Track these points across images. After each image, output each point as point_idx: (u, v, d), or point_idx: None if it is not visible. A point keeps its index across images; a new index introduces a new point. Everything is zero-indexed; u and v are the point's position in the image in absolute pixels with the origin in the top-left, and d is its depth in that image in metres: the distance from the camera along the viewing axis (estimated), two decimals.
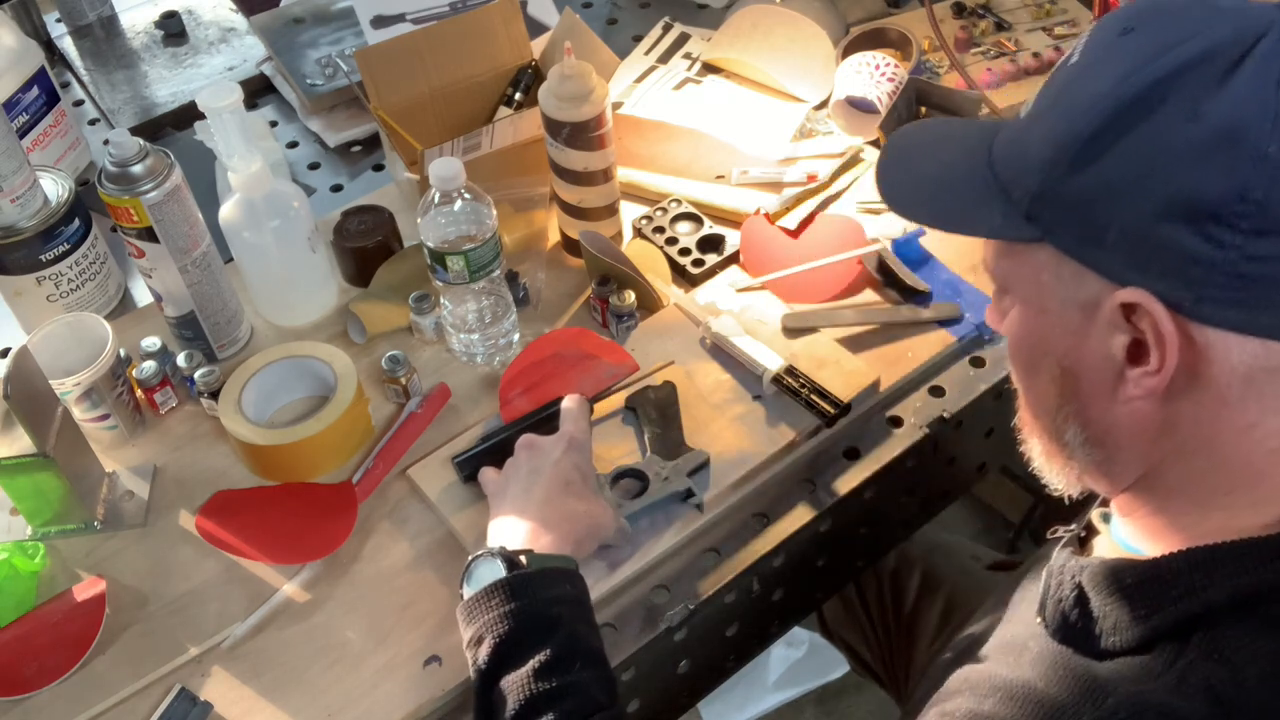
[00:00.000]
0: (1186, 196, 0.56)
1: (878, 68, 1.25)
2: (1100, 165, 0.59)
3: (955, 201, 0.67)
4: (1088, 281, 0.61)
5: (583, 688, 0.79)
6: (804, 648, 1.79)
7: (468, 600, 0.83)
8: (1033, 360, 0.68)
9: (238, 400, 1.04)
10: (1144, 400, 0.62)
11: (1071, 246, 0.61)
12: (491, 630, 0.80)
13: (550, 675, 0.78)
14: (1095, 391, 0.64)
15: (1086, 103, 0.60)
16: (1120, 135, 0.58)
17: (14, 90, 1.28)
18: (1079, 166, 0.60)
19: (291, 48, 1.47)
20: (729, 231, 1.20)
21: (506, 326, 1.12)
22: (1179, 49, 0.57)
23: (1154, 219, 0.57)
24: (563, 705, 0.77)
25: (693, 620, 0.94)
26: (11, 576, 0.95)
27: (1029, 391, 0.70)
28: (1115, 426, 0.65)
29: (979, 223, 0.66)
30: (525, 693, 0.78)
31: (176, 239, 1.04)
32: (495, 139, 1.21)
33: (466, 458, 1.01)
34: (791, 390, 1.04)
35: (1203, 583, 0.62)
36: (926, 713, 0.71)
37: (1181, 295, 0.58)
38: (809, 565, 1.05)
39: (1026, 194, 0.62)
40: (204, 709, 0.88)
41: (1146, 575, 0.64)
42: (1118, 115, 0.58)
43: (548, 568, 0.84)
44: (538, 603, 0.81)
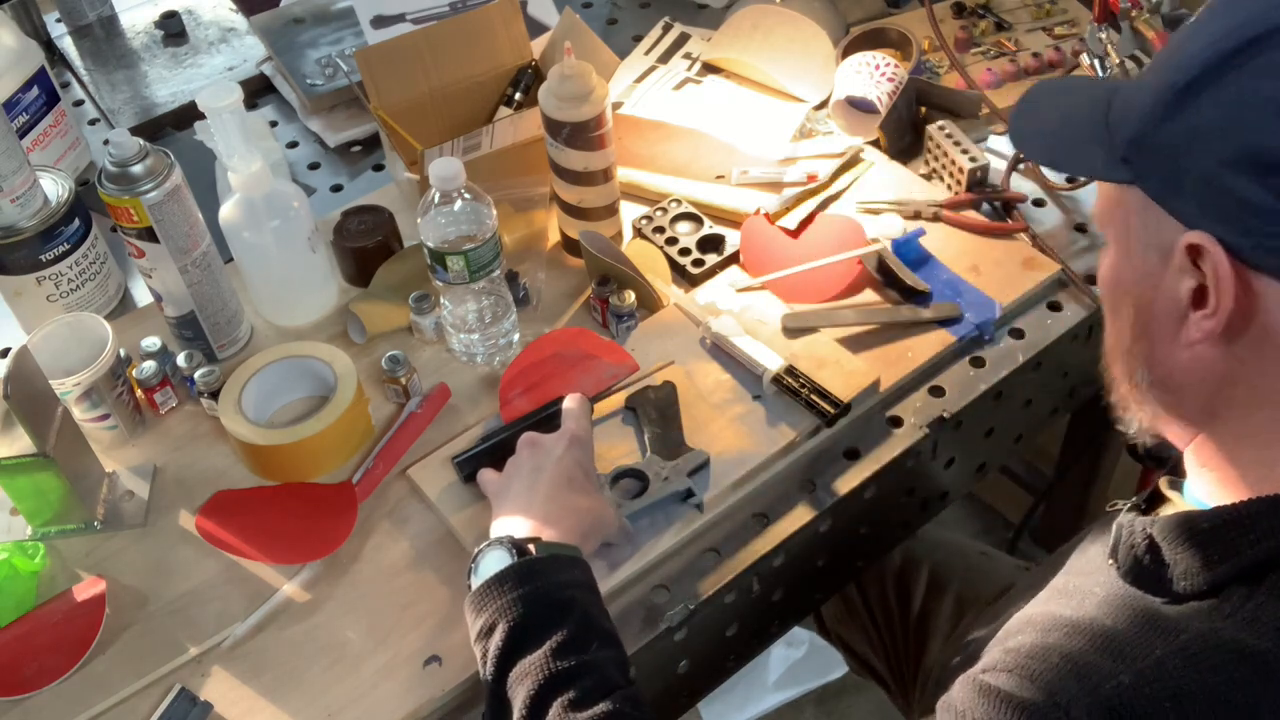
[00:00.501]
0: (1257, 149, 0.60)
1: (878, 68, 1.25)
2: (1187, 114, 0.63)
3: (1067, 144, 0.73)
4: (1166, 226, 0.65)
5: (600, 666, 0.78)
6: (804, 648, 1.79)
7: (477, 589, 0.82)
8: (1115, 300, 0.72)
9: (238, 400, 1.04)
10: (1204, 344, 0.66)
11: (1156, 191, 0.65)
12: (504, 615, 0.79)
13: (568, 654, 0.77)
14: (1162, 334, 0.68)
15: (1187, 56, 0.63)
16: (1209, 86, 0.62)
17: (14, 90, 1.28)
18: (1170, 115, 0.64)
19: (291, 48, 1.47)
20: (729, 231, 1.20)
21: (506, 326, 1.12)
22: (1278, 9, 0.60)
23: (1225, 168, 0.61)
24: (583, 683, 0.76)
25: (693, 620, 0.94)
26: (11, 576, 0.95)
27: (1110, 330, 0.75)
28: (1178, 370, 0.68)
29: (1082, 163, 0.71)
30: (544, 672, 0.77)
31: (176, 239, 1.04)
32: (495, 139, 1.21)
33: (466, 458, 1.01)
34: (791, 390, 1.04)
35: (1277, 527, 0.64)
36: (990, 650, 0.71)
37: (1241, 242, 0.61)
38: (809, 565, 1.05)
39: (1124, 140, 0.67)
40: (204, 709, 0.88)
41: (1221, 521, 0.66)
42: (1210, 68, 0.62)
43: (557, 554, 0.84)
44: (550, 586, 0.81)
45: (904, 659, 1.27)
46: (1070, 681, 0.62)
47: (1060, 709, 0.61)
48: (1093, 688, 0.61)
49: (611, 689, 0.77)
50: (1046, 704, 0.61)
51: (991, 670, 0.67)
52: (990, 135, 1.32)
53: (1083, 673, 0.62)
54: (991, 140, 1.32)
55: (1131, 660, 0.62)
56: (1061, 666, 0.63)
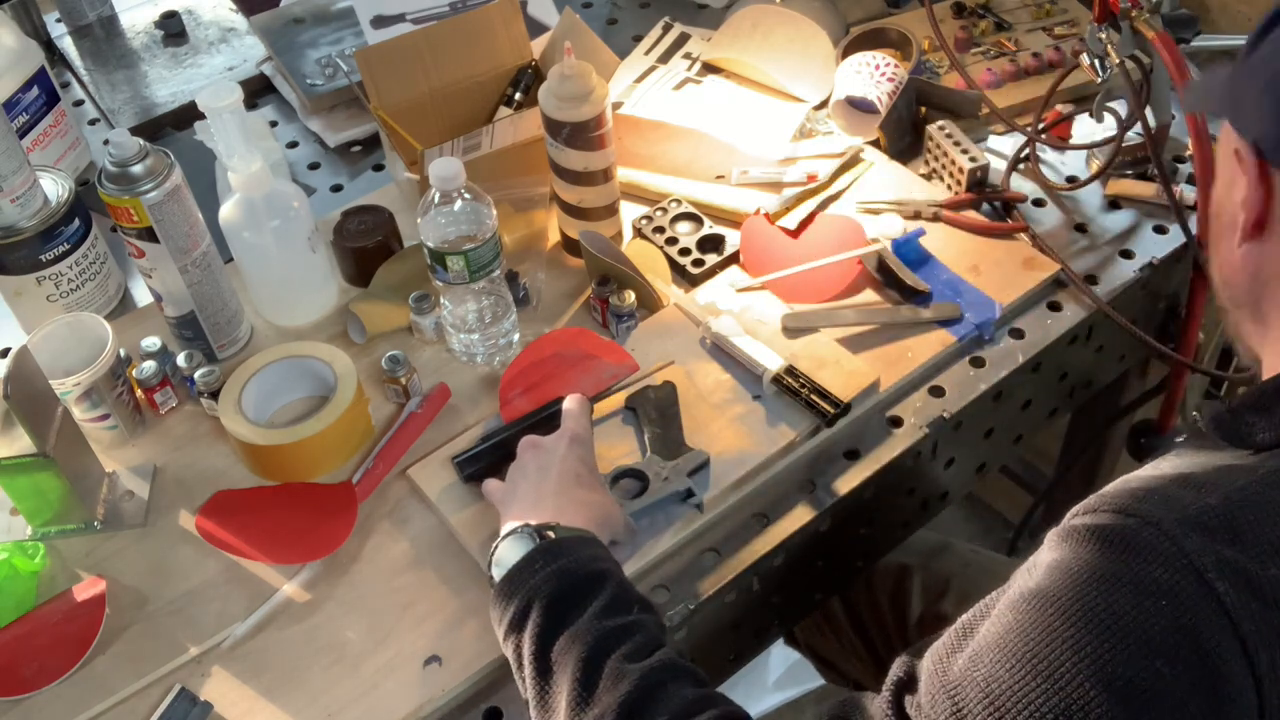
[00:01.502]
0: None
1: (878, 68, 1.25)
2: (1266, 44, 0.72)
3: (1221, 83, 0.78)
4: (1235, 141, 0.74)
5: (647, 626, 0.78)
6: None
7: (506, 574, 0.81)
8: (1219, 206, 0.78)
9: (238, 400, 1.04)
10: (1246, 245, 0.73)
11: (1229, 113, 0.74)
12: (540, 593, 0.79)
13: (614, 615, 0.78)
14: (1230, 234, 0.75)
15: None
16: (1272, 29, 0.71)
17: (14, 90, 1.28)
18: (1249, 48, 0.73)
19: (291, 48, 1.48)
20: (729, 231, 1.20)
21: (506, 326, 1.12)
22: None
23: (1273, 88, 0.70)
24: (634, 639, 0.76)
25: (693, 620, 0.94)
26: (11, 576, 0.95)
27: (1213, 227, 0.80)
28: (1231, 268, 0.76)
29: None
30: (594, 633, 0.76)
31: (176, 239, 1.04)
32: (495, 139, 1.21)
33: (466, 458, 1.01)
34: (791, 390, 1.04)
35: None
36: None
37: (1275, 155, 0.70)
38: (809, 565, 1.05)
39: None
40: (204, 709, 0.88)
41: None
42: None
43: (578, 535, 0.84)
44: (581, 559, 0.81)
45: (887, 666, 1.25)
46: (1158, 506, 0.64)
47: (1152, 525, 0.63)
48: (1181, 508, 0.64)
49: (657, 647, 0.77)
50: (1139, 524, 0.63)
51: (1072, 518, 0.69)
52: (990, 135, 1.32)
53: (1170, 500, 0.65)
54: (991, 140, 1.32)
55: (1215, 488, 0.65)
56: (1147, 496, 0.66)
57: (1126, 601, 0.61)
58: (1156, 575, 0.61)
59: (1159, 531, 0.62)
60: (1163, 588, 0.61)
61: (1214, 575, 0.61)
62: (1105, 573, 0.63)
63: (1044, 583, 0.65)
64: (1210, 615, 0.60)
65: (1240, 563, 0.61)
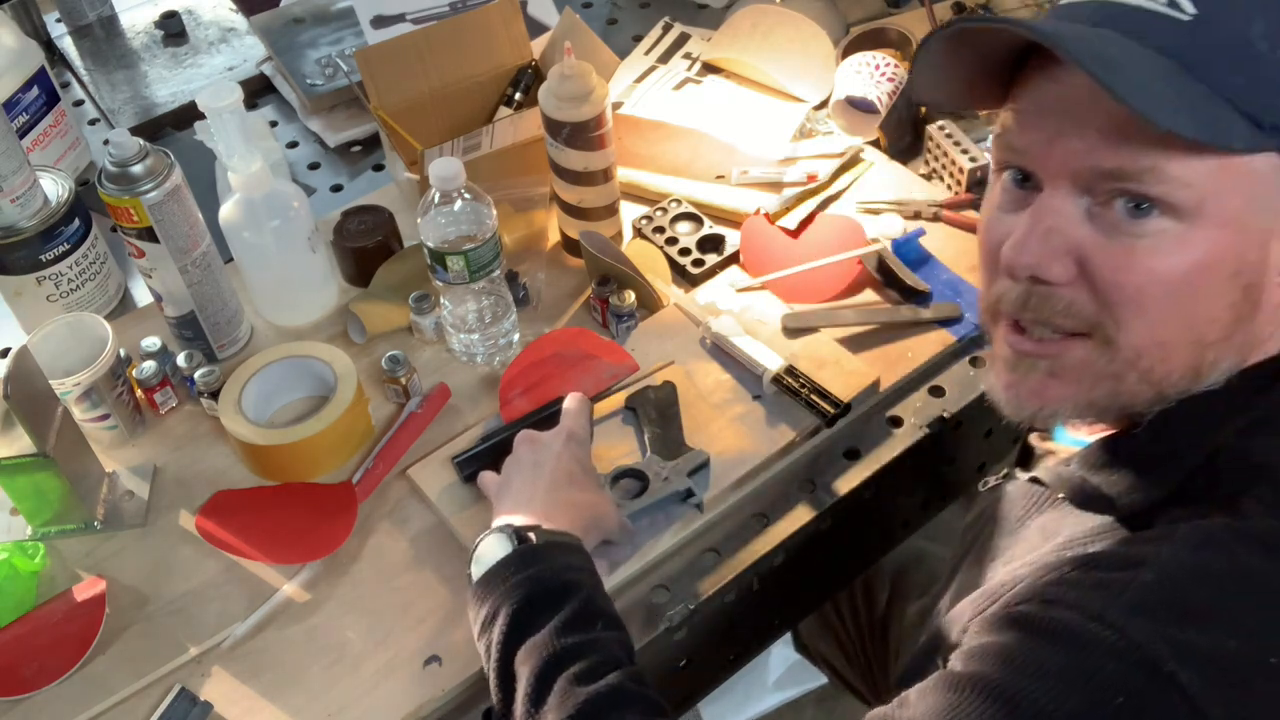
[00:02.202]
0: None
1: (878, 68, 1.25)
2: None
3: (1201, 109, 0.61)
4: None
5: (606, 645, 0.77)
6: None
7: (480, 580, 0.82)
8: (1213, 287, 0.64)
9: (238, 400, 1.04)
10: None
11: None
12: (508, 600, 0.79)
13: (573, 632, 0.76)
14: (1266, 305, 0.65)
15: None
16: None
17: (14, 90, 1.28)
18: None
19: (291, 48, 1.48)
20: (729, 231, 1.20)
21: (506, 326, 1.12)
22: None
23: None
24: (588, 659, 0.75)
25: (693, 620, 0.94)
26: (11, 576, 0.95)
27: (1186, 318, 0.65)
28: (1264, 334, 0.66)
29: (1235, 134, 0.61)
30: (549, 649, 0.75)
31: (176, 239, 1.04)
32: (495, 139, 1.21)
33: (466, 458, 1.01)
34: (791, 390, 1.04)
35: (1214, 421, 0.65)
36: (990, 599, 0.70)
37: None
38: (809, 565, 1.05)
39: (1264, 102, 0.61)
40: (204, 709, 0.88)
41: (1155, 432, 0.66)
42: None
43: (558, 540, 0.83)
44: (552, 569, 0.80)
45: (876, 670, 1.26)
46: (1093, 595, 0.61)
47: (1094, 619, 0.59)
48: (1118, 593, 0.60)
49: (616, 666, 0.76)
50: (1080, 618, 0.60)
51: (1010, 606, 0.66)
52: (990, 135, 1.32)
53: (1104, 585, 0.62)
54: (991, 140, 1.32)
55: (1143, 563, 0.62)
56: (1082, 585, 0.63)
57: (1078, 702, 0.58)
58: (1109, 671, 0.57)
59: (1103, 625, 0.59)
60: (1117, 685, 0.57)
61: (1173, 665, 0.57)
62: (1053, 669, 0.59)
63: (987, 671, 0.61)
64: (1174, 710, 0.56)
65: (1197, 644, 0.57)
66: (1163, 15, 0.62)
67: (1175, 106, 0.59)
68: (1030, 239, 0.66)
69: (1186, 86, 0.61)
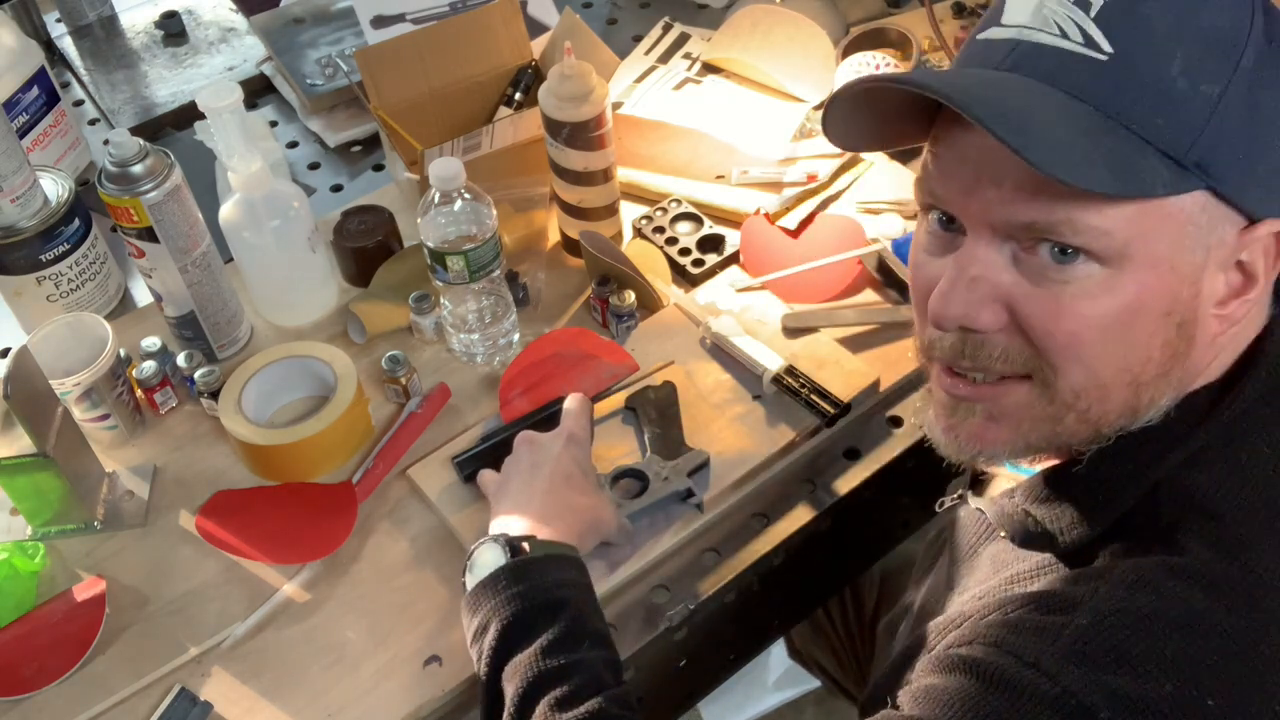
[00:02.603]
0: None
1: (878, 68, 1.25)
2: (1265, 96, 0.58)
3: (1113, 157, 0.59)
4: (1226, 224, 0.61)
5: (590, 666, 0.78)
6: None
7: (472, 590, 0.82)
8: (1137, 323, 0.62)
9: (238, 400, 1.04)
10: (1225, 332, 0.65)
11: (1233, 188, 0.60)
12: (497, 614, 0.80)
13: (558, 653, 0.77)
14: (1202, 339, 0.64)
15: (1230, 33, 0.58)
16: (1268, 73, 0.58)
17: (14, 90, 1.28)
18: (1250, 104, 0.58)
19: (291, 48, 1.48)
20: (729, 231, 1.20)
21: (506, 326, 1.12)
22: None
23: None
24: (571, 681, 0.76)
25: (693, 620, 0.94)
26: (11, 576, 0.95)
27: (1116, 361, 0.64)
28: (1199, 370, 0.66)
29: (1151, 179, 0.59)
30: (533, 670, 0.76)
31: (176, 239, 1.04)
32: (495, 139, 1.21)
33: (466, 458, 1.01)
34: (791, 390, 1.04)
35: (1153, 454, 0.65)
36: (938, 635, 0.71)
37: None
38: (809, 565, 1.05)
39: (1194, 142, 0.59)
40: (204, 709, 0.88)
41: (1094, 466, 0.67)
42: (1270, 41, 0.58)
43: (552, 553, 0.84)
44: (543, 585, 0.81)
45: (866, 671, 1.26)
46: (1031, 639, 0.61)
47: (1030, 666, 0.60)
48: (1054, 638, 0.60)
49: (600, 689, 0.77)
50: (1017, 665, 0.60)
51: (954, 646, 0.66)
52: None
53: (1041, 629, 0.62)
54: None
55: (1079, 604, 0.62)
56: (1021, 628, 0.63)
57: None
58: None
59: (1039, 672, 0.59)
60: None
61: (1107, 714, 0.57)
62: (992, 716, 0.59)
63: (929, 716, 0.62)
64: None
65: (1131, 691, 0.57)
66: (1079, 55, 0.60)
67: (1090, 160, 0.58)
68: (956, 289, 0.64)
69: (1104, 133, 0.59)
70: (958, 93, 0.58)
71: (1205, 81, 0.58)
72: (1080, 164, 0.57)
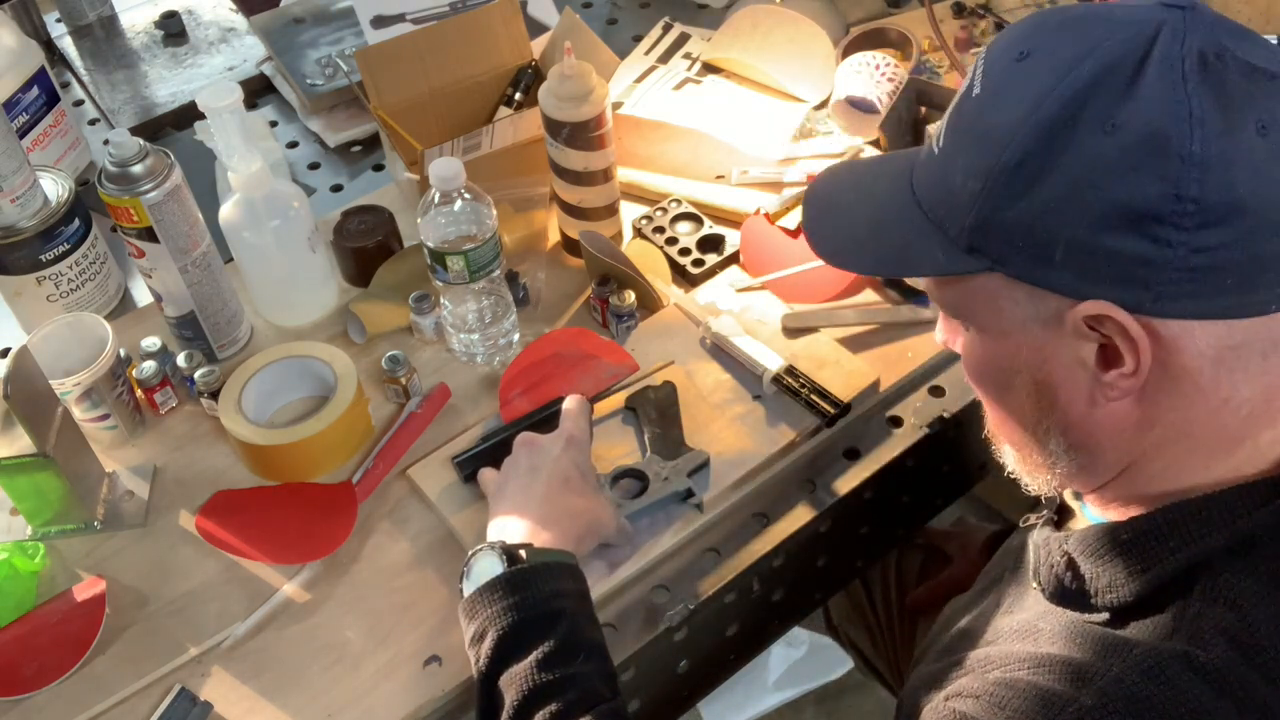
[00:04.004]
0: (1124, 205, 0.59)
1: (878, 68, 1.25)
2: (1033, 191, 0.61)
3: (892, 245, 0.69)
4: (1045, 299, 0.63)
5: (585, 680, 0.79)
6: (804, 648, 1.79)
7: (468, 597, 0.83)
8: (1003, 380, 0.69)
9: (238, 400, 1.04)
10: (1122, 400, 0.64)
11: (1022, 271, 0.63)
12: (493, 625, 0.80)
13: (553, 667, 0.78)
14: (1073, 399, 0.66)
15: (1004, 133, 0.61)
16: (1045, 159, 0.60)
17: (14, 90, 1.28)
18: (1012, 195, 0.61)
19: (291, 48, 1.48)
20: (729, 231, 1.20)
21: (506, 326, 1.12)
22: (1079, 69, 0.60)
23: (1097, 231, 0.59)
24: (565, 696, 0.77)
25: (693, 620, 0.94)
26: (11, 576, 0.95)
27: (1002, 408, 0.72)
28: (1097, 429, 0.67)
29: (922, 263, 0.68)
30: (528, 684, 0.77)
31: (176, 239, 1.04)
32: (495, 139, 1.21)
33: (466, 458, 1.01)
34: (791, 390, 1.04)
35: (1200, 531, 0.64)
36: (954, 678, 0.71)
37: (1140, 296, 0.60)
38: (809, 565, 1.05)
39: (963, 229, 0.64)
40: (204, 709, 0.88)
41: (1140, 531, 0.66)
42: (1038, 141, 0.60)
43: (548, 562, 0.84)
44: (539, 596, 0.81)
45: (901, 653, 1.27)
46: (1036, 709, 0.62)
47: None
48: (1057, 713, 0.61)
49: (594, 703, 0.78)
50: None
51: (958, 696, 0.67)
52: None
53: (1047, 700, 0.63)
54: None
55: (1090, 681, 0.62)
56: (1027, 693, 0.64)
57: None
58: None
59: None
60: None
61: None
62: None
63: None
64: None
65: None
66: (929, 151, 0.68)
67: (862, 250, 0.71)
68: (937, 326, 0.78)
69: (902, 222, 0.68)
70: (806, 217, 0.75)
71: (971, 177, 0.63)
72: (853, 253, 0.72)
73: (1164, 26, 0.60)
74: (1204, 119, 0.57)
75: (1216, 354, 0.62)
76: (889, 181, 0.71)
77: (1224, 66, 0.59)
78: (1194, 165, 0.57)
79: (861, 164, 0.78)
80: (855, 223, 0.72)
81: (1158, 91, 0.58)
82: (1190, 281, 0.59)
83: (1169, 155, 0.57)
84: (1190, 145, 0.57)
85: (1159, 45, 0.59)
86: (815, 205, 0.75)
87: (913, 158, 0.71)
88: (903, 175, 0.70)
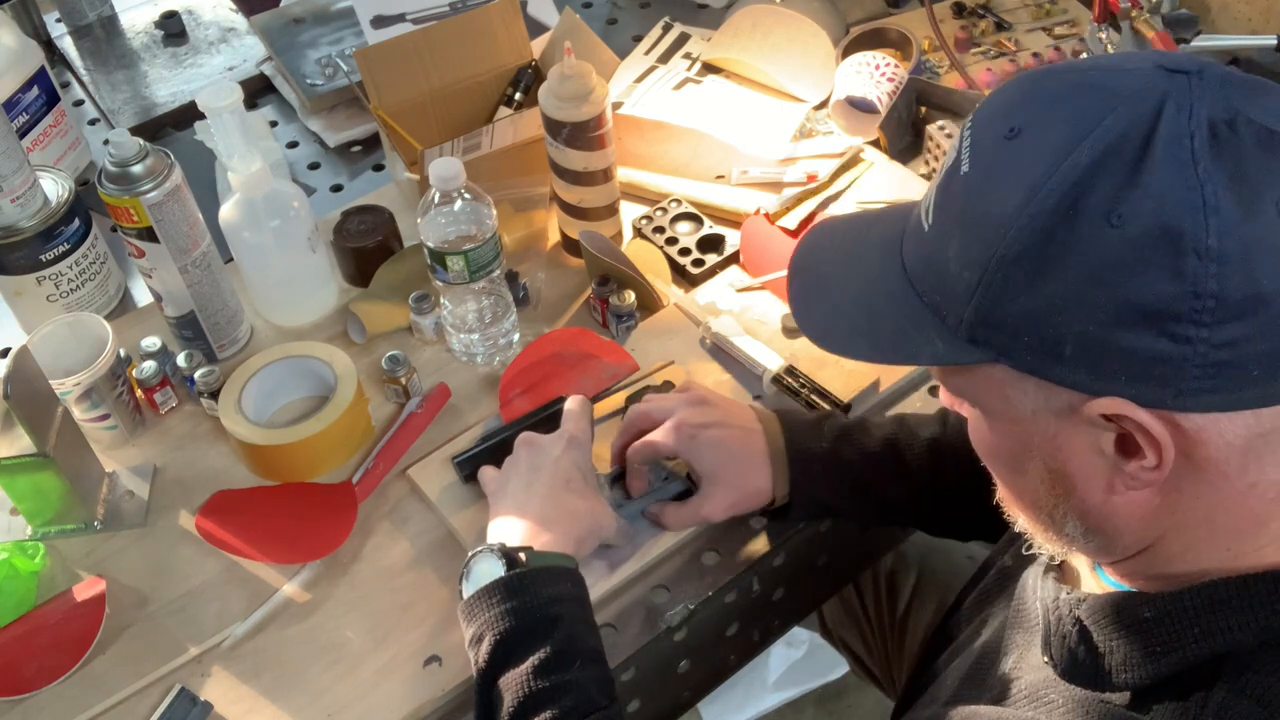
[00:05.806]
0: (1137, 303, 0.54)
1: (878, 68, 1.25)
2: (1035, 287, 0.56)
3: (888, 332, 0.64)
4: (1057, 392, 0.59)
5: (581, 686, 0.79)
6: (804, 648, 1.79)
7: (467, 599, 0.83)
8: (1014, 464, 0.66)
9: (238, 400, 1.04)
10: (1143, 490, 0.61)
11: (1030, 365, 0.59)
12: (491, 628, 0.80)
13: (549, 673, 0.78)
14: (1091, 487, 0.62)
15: (998, 223, 0.57)
16: (1046, 253, 0.56)
17: (14, 90, 1.28)
18: (1012, 291, 0.57)
19: (291, 48, 1.48)
20: (729, 231, 1.20)
21: (506, 326, 1.12)
22: (1077, 154, 0.55)
23: (1109, 328, 0.55)
24: (561, 703, 0.77)
25: (693, 620, 0.94)
26: (11, 576, 0.95)
27: (1016, 487, 0.68)
28: (1115, 515, 0.63)
29: (920, 353, 0.63)
30: (524, 690, 0.78)
31: (176, 239, 1.04)
32: (495, 139, 1.21)
33: (466, 458, 1.01)
34: (791, 390, 1.04)
35: (1228, 622, 0.61)
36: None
37: (1160, 393, 0.56)
38: (809, 565, 1.04)
39: (962, 320, 0.60)
40: (204, 709, 0.88)
41: (1164, 611, 0.63)
42: (1035, 235, 0.56)
43: (547, 566, 0.84)
44: (537, 601, 0.81)
45: (893, 659, 1.27)
46: None
47: None
48: None
49: (590, 710, 0.78)
50: None
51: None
52: None
53: None
54: None
55: None
56: None
57: None
58: None
59: None
60: None
61: None
62: None
63: None
64: None
65: None
66: (918, 224, 0.64)
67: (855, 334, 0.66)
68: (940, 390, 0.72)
69: (897, 305, 0.64)
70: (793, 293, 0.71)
71: (967, 268, 0.59)
72: (846, 338, 0.67)
73: (1168, 99, 0.54)
74: (1219, 207, 0.52)
75: (1245, 444, 0.57)
76: (879, 253, 0.67)
77: (1237, 138, 0.54)
78: (1211, 260, 0.52)
79: (846, 228, 0.73)
80: (846, 302, 0.67)
81: (1166, 177, 0.53)
82: (1213, 377, 0.55)
83: (1183, 251, 0.53)
84: (1206, 239, 0.52)
85: (1164, 122, 0.54)
86: (801, 279, 0.70)
87: (902, 222, 0.67)
88: (892, 246, 0.66)
